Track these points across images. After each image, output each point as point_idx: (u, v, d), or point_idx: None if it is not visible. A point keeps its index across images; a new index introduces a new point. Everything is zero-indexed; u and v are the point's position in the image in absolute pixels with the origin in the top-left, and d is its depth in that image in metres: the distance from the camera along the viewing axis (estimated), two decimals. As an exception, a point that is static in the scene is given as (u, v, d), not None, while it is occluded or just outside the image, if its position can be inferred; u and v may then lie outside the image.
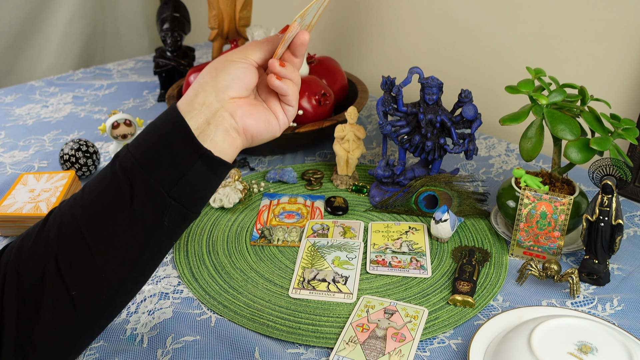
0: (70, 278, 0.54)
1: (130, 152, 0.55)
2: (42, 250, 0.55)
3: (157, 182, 0.54)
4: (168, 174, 0.54)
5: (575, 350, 0.63)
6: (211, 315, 0.76)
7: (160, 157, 0.54)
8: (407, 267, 0.84)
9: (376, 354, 0.68)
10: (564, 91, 0.85)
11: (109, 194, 0.55)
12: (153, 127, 0.57)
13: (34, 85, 1.52)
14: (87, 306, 0.55)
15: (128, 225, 0.54)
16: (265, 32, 1.28)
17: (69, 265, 0.54)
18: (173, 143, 0.55)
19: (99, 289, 0.55)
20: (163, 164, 0.54)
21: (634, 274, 0.84)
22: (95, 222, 0.54)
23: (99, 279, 0.55)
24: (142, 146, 0.55)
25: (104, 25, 1.98)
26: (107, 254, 0.55)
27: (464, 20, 1.29)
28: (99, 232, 0.54)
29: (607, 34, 1.08)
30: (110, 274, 0.55)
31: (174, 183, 0.55)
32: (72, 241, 0.54)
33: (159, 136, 0.55)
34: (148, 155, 0.54)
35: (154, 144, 0.55)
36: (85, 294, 0.55)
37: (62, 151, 1.05)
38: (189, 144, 0.55)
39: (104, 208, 0.55)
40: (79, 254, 0.54)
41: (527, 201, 0.83)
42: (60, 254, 0.54)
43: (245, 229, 0.94)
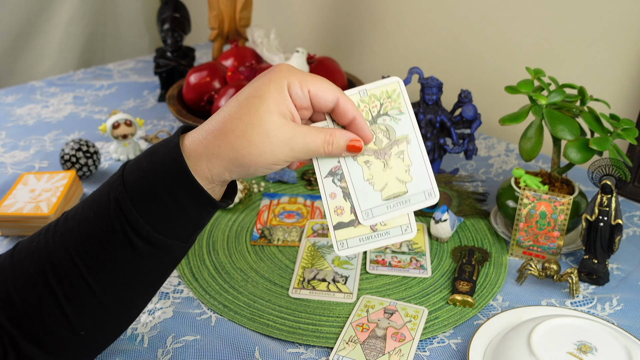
0: (77, 322, 0.52)
1: (141, 217, 0.50)
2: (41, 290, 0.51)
3: (176, 239, 0.52)
4: (187, 232, 0.53)
5: (575, 350, 0.63)
6: (211, 315, 0.76)
7: (179, 222, 0.52)
8: (407, 267, 0.84)
9: (376, 353, 0.68)
10: (564, 91, 0.85)
11: (123, 254, 0.51)
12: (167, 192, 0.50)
13: (35, 85, 1.52)
14: (96, 340, 0.55)
15: (144, 279, 0.54)
16: (265, 33, 1.28)
17: (75, 310, 0.52)
18: (192, 209, 0.51)
19: (110, 327, 0.55)
20: (182, 227, 0.52)
21: (633, 273, 0.84)
22: (105, 275, 0.51)
23: (109, 320, 0.54)
24: (156, 211, 0.50)
25: (104, 25, 1.99)
26: (120, 301, 0.53)
27: (464, 20, 1.29)
28: (110, 286, 0.52)
29: (606, 34, 1.08)
30: (124, 314, 0.55)
31: (191, 234, 0.54)
32: (76, 289, 0.51)
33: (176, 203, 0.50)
34: (164, 221, 0.51)
35: (170, 210, 0.51)
36: (94, 333, 0.54)
37: (63, 151, 1.05)
38: (209, 207, 0.53)
39: (116, 265, 0.51)
40: (85, 302, 0.52)
41: (526, 201, 0.83)
42: (64, 299, 0.51)
43: (246, 229, 0.94)
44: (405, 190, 0.54)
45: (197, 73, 1.19)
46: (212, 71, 1.19)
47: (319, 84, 0.53)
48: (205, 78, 1.18)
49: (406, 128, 0.53)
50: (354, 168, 0.54)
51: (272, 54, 1.25)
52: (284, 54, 1.26)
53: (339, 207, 0.55)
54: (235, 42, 1.33)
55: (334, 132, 0.52)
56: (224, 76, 1.20)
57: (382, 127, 0.54)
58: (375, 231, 0.55)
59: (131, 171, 0.51)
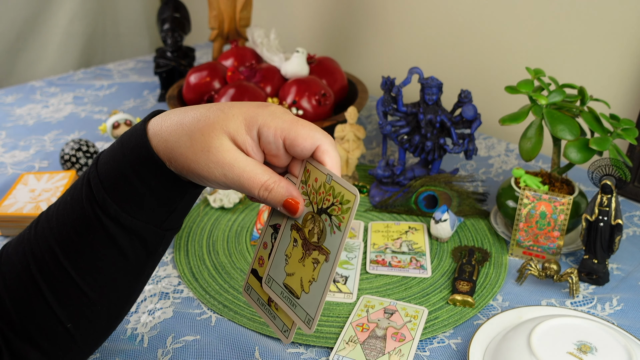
0: (62, 313, 0.52)
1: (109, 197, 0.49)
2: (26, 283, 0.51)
3: (148, 222, 0.51)
4: (158, 213, 0.51)
5: (575, 350, 0.63)
6: (211, 315, 0.76)
7: (147, 202, 0.50)
8: (407, 267, 0.84)
9: (376, 353, 0.68)
10: (564, 91, 0.85)
11: (96, 238, 0.50)
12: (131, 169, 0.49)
13: (35, 85, 1.52)
14: (86, 335, 0.54)
15: (122, 266, 0.52)
16: (265, 33, 1.28)
17: (58, 302, 0.51)
18: (158, 188, 0.50)
19: (96, 320, 0.54)
20: (151, 207, 0.50)
21: (633, 273, 0.84)
22: (84, 264, 0.51)
23: (95, 312, 0.53)
24: (123, 192, 0.50)
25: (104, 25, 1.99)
26: (102, 292, 0.52)
27: (464, 20, 1.29)
28: (90, 274, 0.51)
29: (606, 34, 1.08)
30: (107, 306, 0.53)
31: (165, 218, 0.52)
32: (58, 280, 0.51)
33: (141, 182, 0.50)
34: (132, 203, 0.50)
35: (137, 190, 0.50)
36: (82, 326, 0.53)
37: (63, 151, 1.05)
38: (176, 185, 0.50)
39: (93, 252, 0.51)
40: (67, 292, 0.51)
41: (526, 201, 0.83)
42: (47, 290, 0.51)
43: (246, 229, 0.94)
44: (299, 295, 0.49)
45: (197, 73, 1.19)
46: (212, 71, 1.19)
47: (297, 132, 0.48)
48: (205, 78, 1.18)
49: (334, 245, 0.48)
50: (286, 235, 0.51)
51: (272, 54, 1.25)
52: (284, 54, 1.26)
53: (263, 258, 0.54)
54: (235, 42, 1.33)
55: (279, 181, 0.48)
56: (224, 76, 1.20)
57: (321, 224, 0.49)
58: (269, 306, 0.53)
59: (104, 156, 0.51)
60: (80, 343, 0.54)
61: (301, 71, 1.20)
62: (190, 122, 0.49)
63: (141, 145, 0.49)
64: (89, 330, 0.54)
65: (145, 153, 0.49)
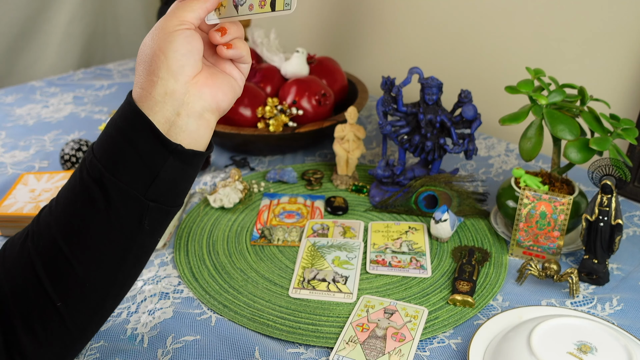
0: (53, 290, 0.52)
1: (96, 158, 0.52)
2: (22, 262, 0.53)
3: (130, 186, 0.51)
4: (140, 176, 0.51)
5: (575, 350, 0.63)
6: (211, 315, 0.76)
7: (129, 161, 0.51)
8: (407, 267, 0.84)
9: (376, 353, 0.68)
10: (564, 91, 0.85)
11: (81, 205, 0.52)
12: (115, 128, 0.52)
13: (35, 85, 1.52)
14: (76, 315, 0.54)
15: (106, 235, 0.52)
16: (265, 33, 1.28)
17: (49, 277, 0.52)
18: (139, 143, 0.51)
19: (84, 298, 0.54)
20: (133, 168, 0.51)
21: (633, 273, 0.84)
22: (71, 234, 0.52)
23: (83, 289, 0.53)
24: (107, 151, 0.52)
25: (104, 25, 1.99)
26: (88, 265, 0.52)
27: (464, 20, 1.29)
28: (76, 244, 0.52)
29: (607, 34, 1.08)
30: (95, 283, 0.53)
31: (148, 185, 0.52)
32: (50, 254, 0.52)
33: (123, 137, 0.51)
34: (115, 160, 0.51)
35: (119, 146, 0.51)
36: (72, 305, 0.53)
37: (63, 151, 1.05)
38: (156, 142, 0.51)
39: (78, 219, 0.52)
40: (58, 267, 0.52)
41: (526, 201, 0.83)
42: (40, 266, 0.52)
43: (246, 229, 0.94)
44: None
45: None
46: (212, 71, 1.19)
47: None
48: (205, 78, 1.18)
49: None
50: None
51: (272, 54, 1.25)
52: (284, 54, 1.26)
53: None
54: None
55: None
56: (224, 76, 1.20)
57: None
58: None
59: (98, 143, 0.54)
60: (70, 325, 0.54)
61: (301, 71, 1.20)
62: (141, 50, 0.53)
63: (125, 103, 0.53)
64: (78, 309, 0.54)
65: (128, 108, 0.52)
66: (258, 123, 1.10)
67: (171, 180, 0.53)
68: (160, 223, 0.55)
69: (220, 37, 0.54)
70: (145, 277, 0.83)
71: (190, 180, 0.55)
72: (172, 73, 0.51)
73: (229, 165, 1.13)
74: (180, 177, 0.54)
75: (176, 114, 0.52)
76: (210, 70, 0.56)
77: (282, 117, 1.08)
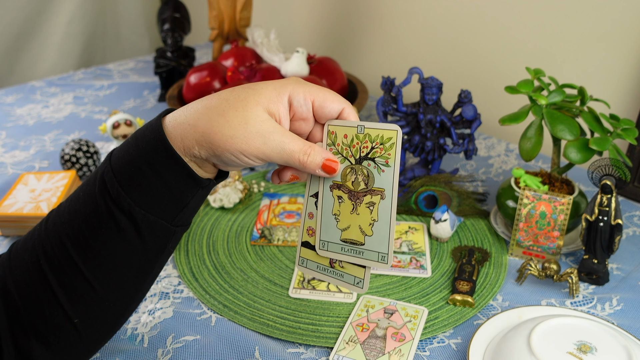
0: (71, 308, 0.52)
1: (123, 190, 0.50)
2: (35, 277, 0.52)
3: (159, 217, 0.51)
4: (169, 208, 0.51)
5: (575, 350, 0.63)
6: (211, 315, 0.76)
7: (159, 196, 0.51)
8: (407, 267, 0.84)
9: (376, 353, 0.68)
10: (564, 91, 0.85)
11: (106, 231, 0.51)
12: (144, 161, 0.50)
13: (35, 85, 1.52)
14: (92, 331, 0.54)
15: (131, 261, 0.52)
16: (265, 33, 1.28)
17: (67, 296, 0.52)
18: (171, 181, 0.50)
19: (103, 316, 0.54)
20: (163, 202, 0.51)
21: (633, 273, 0.84)
22: (92, 257, 0.51)
23: (103, 308, 0.53)
24: (136, 183, 0.50)
25: (104, 25, 1.99)
26: (109, 286, 0.52)
27: (464, 20, 1.29)
28: (98, 267, 0.51)
29: (606, 34, 1.08)
30: (115, 302, 0.54)
31: (176, 214, 0.52)
32: (66, 273, 0.51)
33: (154, 172, 0.50)
34: (145, 195, 0.50)
35: (150, 181, 0.50)
36: (89, 322, 0.53)
37: (63, 151, 1.06)
38: (188, 180, 0.51)
39: (100, 244, 0.51)
40: (76, 287, 0.52)
41: (526, 201, 0.84)
42: (57, 285, 0.51)
43: (246, 228, 0.94)
44: (363, 242, 0.52)
45: (197, 73, 1.19)
46: (212, 71, 1.19)
47: (324, 95, 0.52)
48: (205, 78, 1.18)
49: (386, 182, 0.51)
50: (328, 197, 0.54)
51: (272, 54, 1.25)
52: (284, 54, 1.26)
53: (312, 228, 0.55)
54: (235, 42, 1.33)
55: (314, 146, 0.51)
56: (224, 76, 1.20)
57: (364, 170, 0.52)
58: (333, 268, 0.54)
59: (118, 151, 0.52)
60: (86, 339, 0.54)
61: (301, 71, 1.20)
62: (218, 103, 0.50)
63: (157, 138, 0.50)
64: (95, 326, 0.54)
65: (161, 145, 0.50)
66: (258, 123, 1.09)
67: (196, 206, 0.54)
68: (178, 240, 0.56)
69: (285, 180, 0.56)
70: (146, 277, 0.83)
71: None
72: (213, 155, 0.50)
73: (229, 165, 1.12)
74: (202, 200, 0.55)
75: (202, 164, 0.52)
76: None
77: (282, 117, 1.08)
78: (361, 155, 0.52)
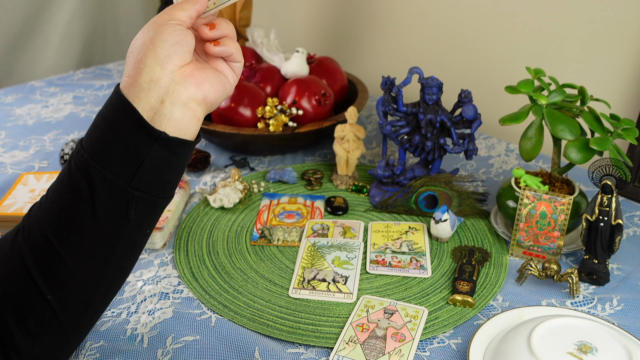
0: (43, 283, 0.52)
1: (83, 148, 0.52)
2: (13, 257, 0.53)
3: (115, 175, 0.51)
4: (125, 165, 0.51)
5: (575, 350, 0.63)
6: (211, 315, 0.76)
7: (113, 149, 0.51)
8: (407, 267, 0.84)
9: (376, 353, 0.68)
10: (564, 91, 0.85)
11: (68, 196, 0.52)
12: (101, 117, 0.53)
13: (35, 85, 1.52)
14: (68, 309, 0.54)
15: (92, 225, 0.52)
16: (265, 33, 1.28)
17: (39, 270, 0.52)
18: (123, 131, 0.51)
19: (75, 291, 0.54)
20: (117, 156, 0.51)
21: (634, 273, 0.84)
22: (59, 225, 0.52)
23: (73, 281, 0.53)
24: (94, 140, 0.52)
25: (104, 25, 1.99)
26: (77, 256, 0.52)
27: (464, 20, 1.29)
28: (64, 235, 0.52)
29: (607, 34, 1.08)
30: (84, 275, 0.53)
31: (133, 173, 0.52)
32: (39, 247, 0.52)
33: (108, 126, 0.52)
34: (100, 149, 0.51)
35: (105, 135, 0.52)
36: (63, 298, 0.53)
37: (63, 151, 1.05)
38: (140, 129, 0.51)
39: (65, 210, 0.52)
40: (48, 259, 0.52)
41: (526, 201, 0.83)
42: (30, 259, 0.52)
43: (245, 229, 0.94)
44: None
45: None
46: (212, 71, 1.19)
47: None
48: (205, 78, 1.18)
49: None
50: None
51: (272, 54, 1.25)
52: (284, 53, 1.26)
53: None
54: (235, 42, 1.33)
55: None
56: (224, 76, 1.20)
57: None
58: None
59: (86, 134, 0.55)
60: (62, 318, 0.53)
61: (301, 71, 1.19)
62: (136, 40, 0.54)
63: (112, 93, 0.53)
64: (69, 302, 0.54)
65: (114, 97, 0.52)
66: (258, 123, 1.10)
67: (156, 169, 0.53)
68: (147, 214, 0.54)
69: (209, 32, 0.56)
70: (145, 277, 0.83)
71: (178, 170, 0.55)
72: (159, 61, 0.52)
73: (229, 165, 1.12)
74: (166, 166, 0.54)
75: (160, 102, 0.52)
76: (200, 64, 0.57)
77: (282, 117, 1.08)
78: None
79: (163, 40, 0.53)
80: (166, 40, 0.53)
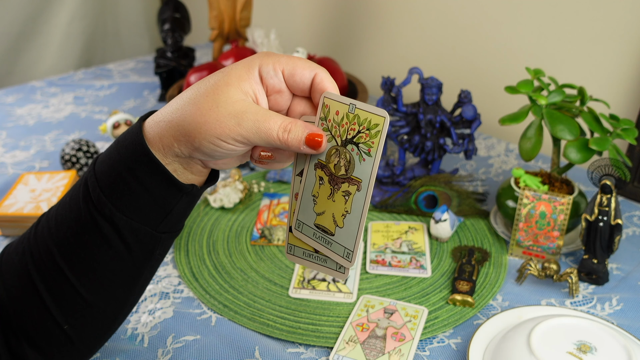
0: (60, 314, 0.51)
1: (104, 194, 0.49)
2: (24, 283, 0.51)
3: (142, 223, 0.50)
4: (152, 214, 0.50)
5: (575, 350, 0.63)
6: (211, 315, 0.76)
7: (140, 201, 0.49)
8: (407, 267, 0.84)
9: (376, 353, 0.68)
10: (563, 91, 0.85)
11: (89, 237, 0.50)
12: (125, 167, 0.49)
13: (35, 85, 1.52)
14: (84, 337, 0.53)
15: (118, 267, 0.51)
16: (265, 33, 1.28)
17: (56, 303, 0.51)
18: (152, 187, 0.49)
19: (93, 322, 0.53)
20: (145, 208, 0.50)
21: (633, 273, 0.84)
22: (78, 263, 0.50)
23: (93, 314, 0.52)
24: (117, 190, 0.49)
25: (104, 25, 1.99)
26: (98, 293, 0.52)
27: (464, 20, 1.29)
28: (83, 273, 0.51)
29: (606, 34, 1.08)
30: (105, 309, 0.53)
31: (160, 221, 0.51)
32: (54, 279, 0.51)
33: (134, 179, 0.49)
34: (127, 201, 0.49)
35: (131, 187, 0.49)
36: (80, 328, 0.53)
37: (63, 151, 1.06)
38: (170, 186, 0.49)
39: (86, 251, 0.50)
40: (65, 294, 0.51)
41: (526, 201, 0.84)
42: (45, 292, 0.51)
43: (246, 228, 0.94)
44: (333, 232, 0.49)
45: (197, 73, 1.19)
46: (212, 71, 1.19)
47: (294, 63, 0.49)
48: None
49: (365, 173, 0.47)
50: (311, 175, 0.50)
51: (272, 54, 1.25)
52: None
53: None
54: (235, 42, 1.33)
55: (295, 121, 0.47)
56: (224, 76, 1.20)
57: (347, 154, 0.48)
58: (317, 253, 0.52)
59: (102, 156, 0.51)
60: (78, 344, 0.54)
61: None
62: (190, 94, 0.48)
63: (136, 142, 0.49)
64: (86, 331, 0.54)
65: (140, 150, 0.48)
66: (258, 123, 1.10)
67: (182, 212, 0.52)
68: (168, 246, 0.54)
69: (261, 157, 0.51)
70: (146, 277, 0.83)
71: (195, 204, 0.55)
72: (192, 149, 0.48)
73: (229, 165, 1.12)
74: (189, 208, 0.53)
75: (182, 169, 0.50)
76: None
77: (282, 117, 1.08)
78: (347, 138, 0.48)
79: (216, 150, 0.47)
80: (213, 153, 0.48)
